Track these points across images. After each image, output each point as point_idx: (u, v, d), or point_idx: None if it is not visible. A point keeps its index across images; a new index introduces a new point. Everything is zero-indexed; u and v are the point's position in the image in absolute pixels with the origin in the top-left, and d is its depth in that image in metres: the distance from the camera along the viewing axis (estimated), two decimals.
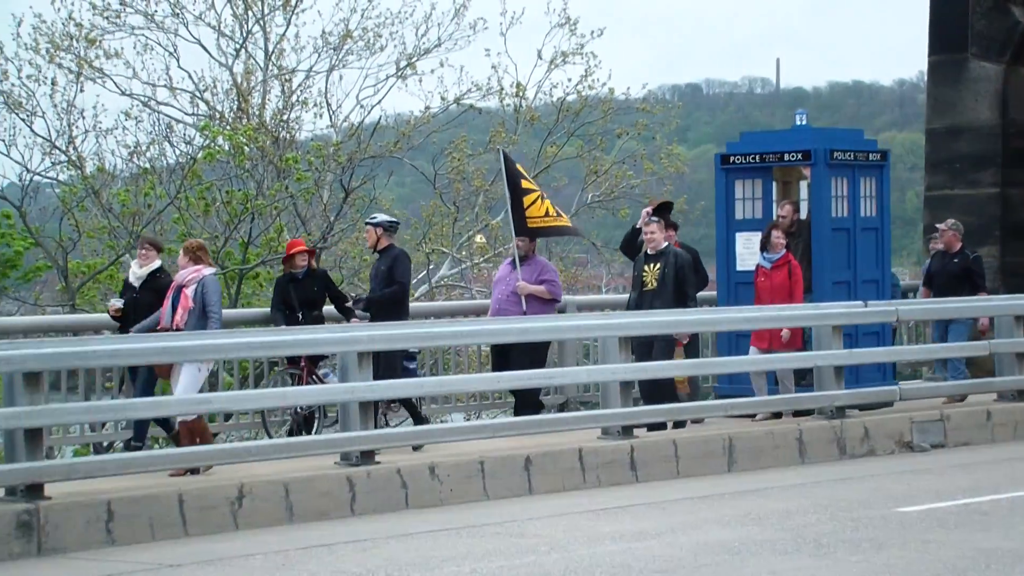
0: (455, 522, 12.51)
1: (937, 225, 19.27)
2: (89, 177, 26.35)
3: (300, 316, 15.86)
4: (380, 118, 30.78)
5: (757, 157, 17.84)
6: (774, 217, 17.50)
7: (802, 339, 16.85)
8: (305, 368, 15.58)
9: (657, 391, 15.96)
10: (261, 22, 31.17)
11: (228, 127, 28.19)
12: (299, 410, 15.60)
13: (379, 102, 31.65)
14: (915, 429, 16.72)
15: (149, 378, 14.47)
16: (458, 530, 12.16)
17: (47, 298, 27.79)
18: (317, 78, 31.50)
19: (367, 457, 13.43)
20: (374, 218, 16.35)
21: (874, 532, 11.62)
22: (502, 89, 31.44)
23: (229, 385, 18.09)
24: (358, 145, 28.61)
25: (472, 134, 31.94)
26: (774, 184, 17.98)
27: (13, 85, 27.98)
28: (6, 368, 11.81)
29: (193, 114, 30.50)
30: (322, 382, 15.49)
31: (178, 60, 30.89)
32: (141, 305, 14.75)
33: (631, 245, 17.40)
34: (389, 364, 14.80)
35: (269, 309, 16.31)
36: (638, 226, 16.98)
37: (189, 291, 14.30)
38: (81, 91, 28.38)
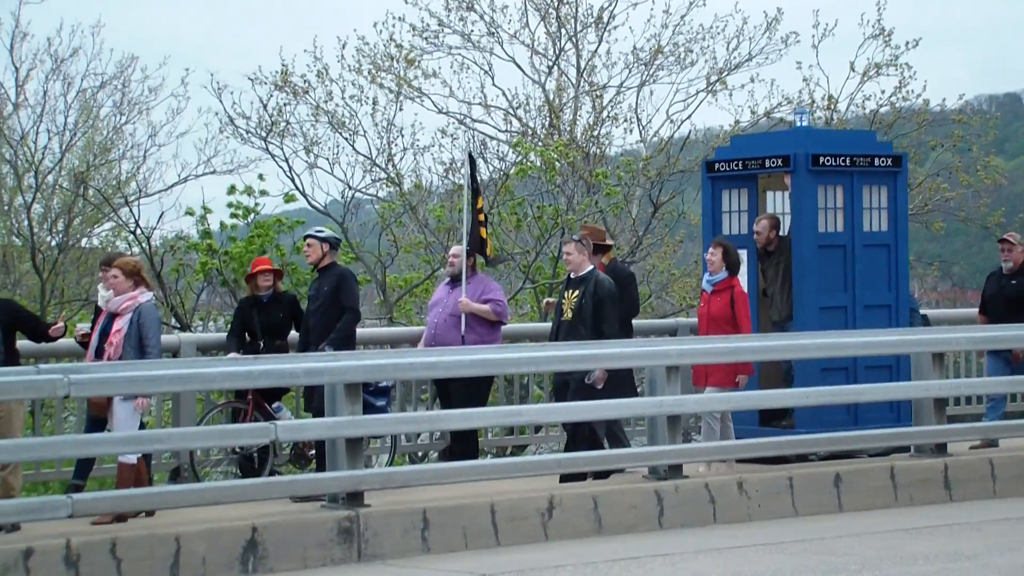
0: (763, 538, 12.47)
1: (1007, 236, 16.62)
2: (406, 193, 27.08)
3: (262, 344, 14.49)
4: (689, 133, 30.83)
5: (740, 164, 15.90)
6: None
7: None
8: (251, 402, 14.19)
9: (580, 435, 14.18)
10: (574, 39, 31.57)
11: (540, 143, 28.61)
12: (239, 449, 14.28)
13: (689, 116, 31.66)
14: None
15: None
16: (766, 546, 12.11)
17: (366, 311, 28.65)
18: (628, 93, 31.74)
19: (675, 471, 13.49)
20: (320, 232, 14.86)
21: None
22: (813, 102, 31.14)
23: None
24: (667, 160, 28.72)
25: None
26: (772, 195, 16.15)
27: (337, 106, 28.99)
28: (328, 379, 12.23)
29: (506, 131, 31.06)
30: (273, 417, 14.06)
31: (493, 78, 31.52)
32: (110, 329, 13.16)
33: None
34: (322, 396, 13.28)
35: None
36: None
37: (122, 321, 12.95)
38: (400, 110, 29.18)
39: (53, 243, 30.50)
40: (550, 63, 31.56)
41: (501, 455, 17.53)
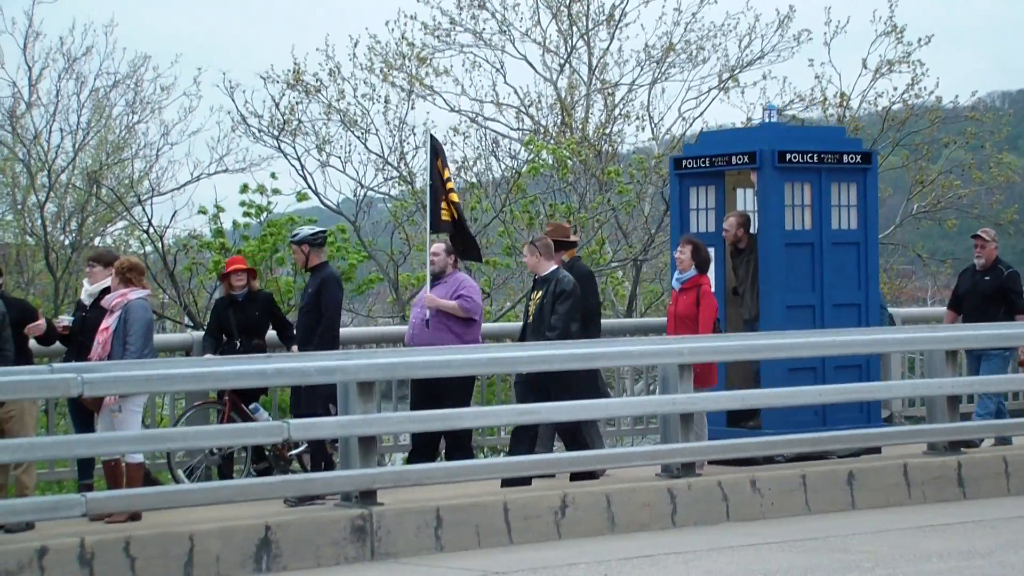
0: (777, 535, 12.46)
1: (981, 232, 16.57)
2: (419, 192, 27.08)
3: (239, 344, 14.43)
4: (701, 130, 30.81)
5: (707, 161, 15.59)
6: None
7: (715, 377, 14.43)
8: (229, 403, 14.18)
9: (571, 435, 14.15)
10: (585, 37, 31.60)
11: (552, 141, 28.63)
12: (214, 452, 14.25)
13: (701, 114, 31.69)
14: None
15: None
16: (779, 544, 12.11)
17: (379, 310, 28.75)
18: (639, 91, 31.78)
19: (687, 469, 13.49)
20: (295, 235, 14.61)
21: None
22: (825, 99, 31.15)
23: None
24: None
25: None
26: (743, 192, 15.86)
27: (349, 104, 29.04)
28: (341, 378, 12.23)
29: (518, 129, 31.09)
30: (251, 418, 14.22)
31: (504, 76, 31.58)
32: (90, 324, 13.34)
33: None
34: (310, 399, 13.74)
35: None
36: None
37: (112, 319, 12.98)
38: (412, 108, 29.29)
39: (66, 242, 30.59)
40: (562, 61, 31.59)
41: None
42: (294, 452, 14.40)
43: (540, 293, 14.19)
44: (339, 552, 11.73)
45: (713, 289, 14.96)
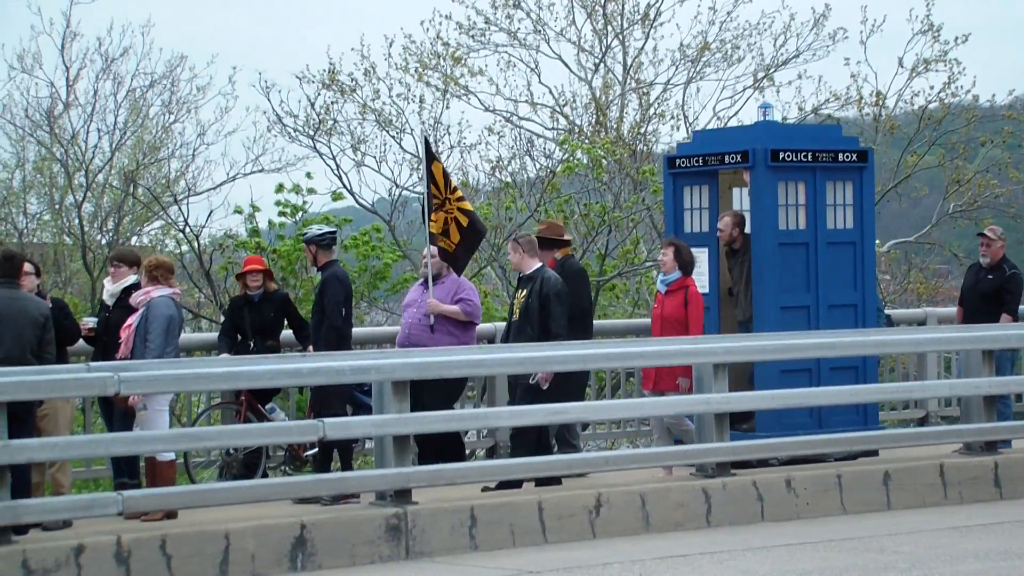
0: (812, 535, 12.43)
1: (986, 232, 16.38)
2: None
3: (252, 344, 14.42)
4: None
5: (700, 160, 15.31)
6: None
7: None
8: (245, 402, 14.18)
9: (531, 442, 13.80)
10: (620, 36, 31.57)
11: (587, 141, 28.62)
12: (232, 451, 14.22)
13: (736, 113, 31.61)
14: None
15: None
16: (815, 544, 12.08)
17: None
18: (674, 90, 31.73)
19: (722, 469, 13.47)
20: (304, 234, 14.61)
21: None
22: (861, 98, 31.04)
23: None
24: None
25: None
26: (740, 191, 15.49)
27: (384, 104, 29.09)
28: (376, 377, 12.26)
29: (553, 128, 31.09)
30: (267, 418, 14.23)
31: (539, 76, 31.57)
32: (113, 324, 13.48)
33: None
34: (323, 399, 13.76)
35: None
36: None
37: (136, 316, 13.10)
38: (447, 108, 29.33)
39: (103, 242, 30.70)
40: (596, 60, 31.57)
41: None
42: (310, 452, 14.42)
43: (524, 292, 14.05)
44: (374, 551, 11.75)
45: (706, 291, 14.86)
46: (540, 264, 14.16)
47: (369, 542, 11.75)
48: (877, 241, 31.02)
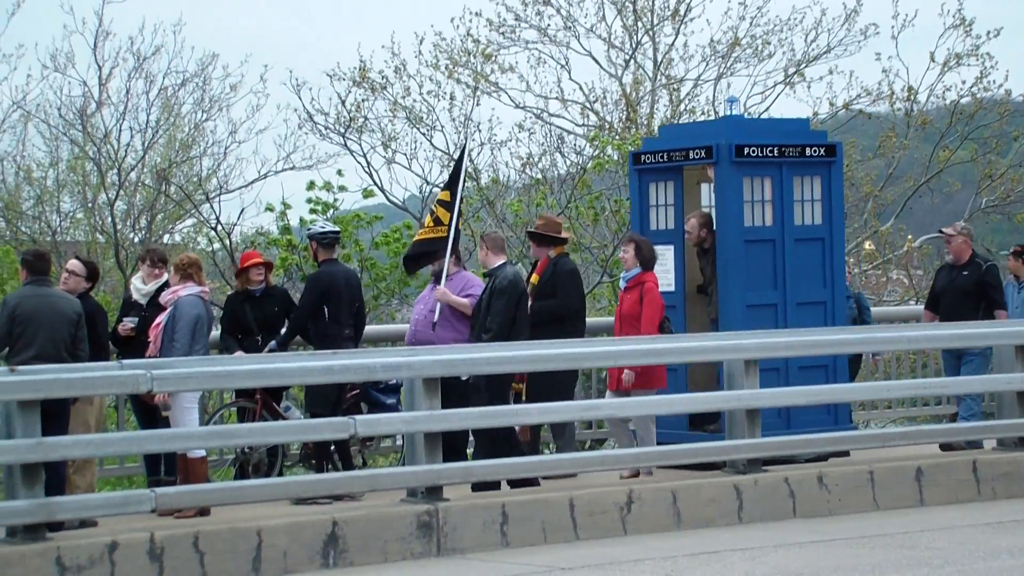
0: (844, 532, 12.41)
1: (944, 230, 16.03)
2: (484, 188, 27.14)
3: (260, 340, 14.13)
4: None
5: (665, 156, 14.97)
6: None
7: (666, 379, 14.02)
8: (260, 401, 13.95)
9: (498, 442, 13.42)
10: (650, 32, 31.50)
11: (617, 137, 28.58)
12: (247, 450, 14.02)
13: (766, 109, 31.51)
14: None
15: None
16: (847, 540, 12.06)
17: None
18: (705, 86, 31.66)
19: (753, 465, 13.45)
20: (309, 229, 14.65)
21: None
22: (892, 93, 30.94)
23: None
24: None
25: (861, 140, 31.52)
26: (708, 187, 15.12)
27: (415, 101, 29.12)
28: (407, 374, 12.29)
29: (583, 125, 31.05)
30: (282, 417, 14.06)
31: (569, 72, 31.50)
32: (147, 324, 13.46)
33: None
34: (312, 400, 13.65)
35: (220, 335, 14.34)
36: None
37: (164, 314, 13.14)
38: (477, 105, 29.31)
39: (136, 239, 30.81)
40: (627, 57, 31.51)
41: (580, 449, 17.52)
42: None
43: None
44: (405, 548, 11.78)
45: (672, 289, 14.68)
46: (504, 261, 13.95)
47: (401, 539, 11.77)
48: (909, 236, 31.11)
